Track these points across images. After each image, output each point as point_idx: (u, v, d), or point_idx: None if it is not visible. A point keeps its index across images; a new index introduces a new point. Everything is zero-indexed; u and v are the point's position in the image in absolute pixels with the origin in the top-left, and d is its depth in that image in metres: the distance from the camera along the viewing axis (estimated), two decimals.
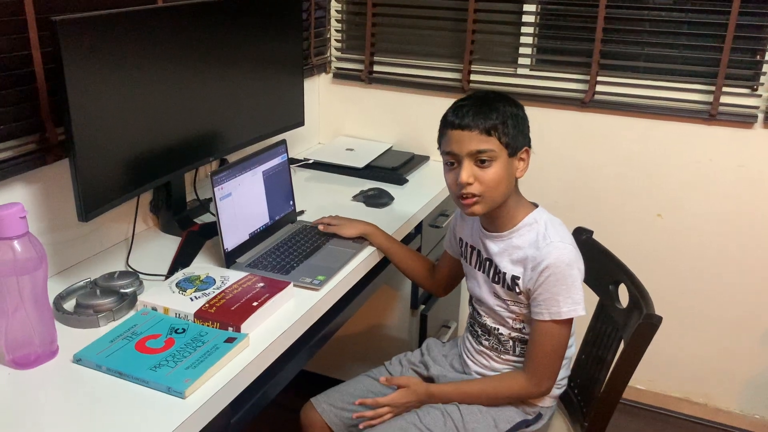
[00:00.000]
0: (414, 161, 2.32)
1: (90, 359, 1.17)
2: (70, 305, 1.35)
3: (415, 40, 2.41)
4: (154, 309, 1.32)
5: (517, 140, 1.36)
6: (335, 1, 2.48)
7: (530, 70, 2.30)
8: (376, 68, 2.47)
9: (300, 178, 2.18)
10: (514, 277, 1.40)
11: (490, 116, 1.33)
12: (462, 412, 1.43)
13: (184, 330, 1.25)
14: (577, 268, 1.35)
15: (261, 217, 1.66)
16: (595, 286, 1.58)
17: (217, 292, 1.36)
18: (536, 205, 1.45)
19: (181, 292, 1.36)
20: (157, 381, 1.11)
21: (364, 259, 1.63)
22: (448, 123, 1.37)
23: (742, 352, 2.24)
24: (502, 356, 1.49)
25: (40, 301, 1.16)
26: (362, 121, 2.53)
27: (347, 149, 2.41)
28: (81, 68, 1.31)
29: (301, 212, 1.87)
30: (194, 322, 1.28)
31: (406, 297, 2.15)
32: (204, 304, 1.31)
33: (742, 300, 2.19)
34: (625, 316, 1.44)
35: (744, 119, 2.03)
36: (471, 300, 1.58)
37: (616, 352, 1.44)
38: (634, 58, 2.15)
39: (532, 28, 2.25)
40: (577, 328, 1.49)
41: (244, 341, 1.23)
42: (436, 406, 1.44)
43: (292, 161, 2.24)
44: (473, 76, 2.33)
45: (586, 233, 1.63)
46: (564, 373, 1.49)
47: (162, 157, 1.59)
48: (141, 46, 1.46)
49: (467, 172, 1.33)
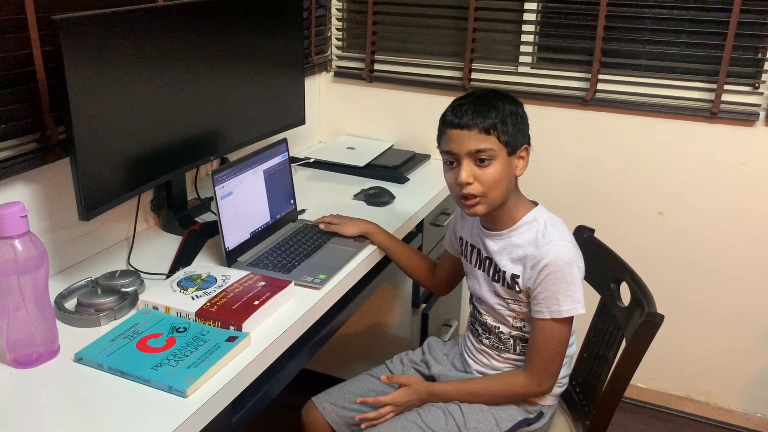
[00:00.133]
0: (415, 160, 2.32)
1: (91, 358, 1.17)
2: (71, 304, 1.35)
3: (416, 39, 2.41)
4: (156, 308, 1.32)
5: (517, 139, 1.36)
6: None
7: (531, 68, 2.29)
8: (376, 67, 2.46)
9: (301, 177, 2.18)
10: (514, 276, 1.40)
11: (488, 115, 1.32)
12: (463, 410, 1.43)
13: (186, 329, 1.25)
14: (576, 266, 1.35)
15: (262, 216, 1.66)
16: (597, 285, 1.57)
17: (219, 291, 1.36)
18: (536, 204, 1.44)
19: (182, 291, 1.36)
20: (158, 380, 1.11)
21: (365, 258, 1.63)
22: (447, 122, 1.36)
23: (743, 350, 2.24)
24: (502, 355, 1.49)
25: (41, 300, 1.16)
26: (363, 120, 2.53)
27: (348, 148, 2.40)
28: (81, 67, 1.31)
29: (302, 211, 1.87)
30: (195, 321, 1.28)
31: (407, 296, 2.15)
32: (205, 303, 1.31)
33: (743, 298, 2.19)
34: (626, 314, 1.44)
35: (745, 117, 2.03)
36: (471, 298, 1.58)
37: (618, 350, 1.44)
38: (636, 56, 2.15)
39: (533, 26, 2.25)
40: (578, 327, 1.49)
41: (246, 340, 1.23)
42: (437, 405, 1.44)
43: (293, 160, 2.24)
44: (474, 75, 2.33)
45: (587, 231, 1.63)
46: (565, 371, 1.48)
47: (163, 156, 1.59)
48: (142, 44, 1.46)
49: (467, 171, 1.33)
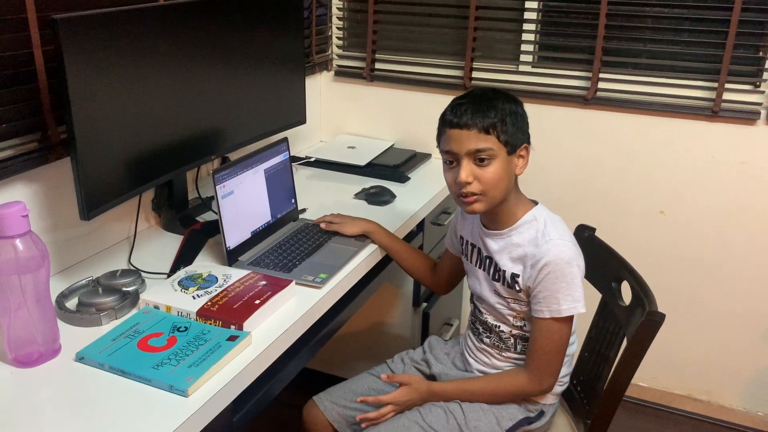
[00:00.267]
0: (416, 159, 2.32)
1: (92, 358, 1.17)
2: (72, 304, 1.35)
3: (416, 38, 2.40)
4: (157, 307, 1.32)
5: (516, 138, 1.35)
6: None
7: (532, 67, 2.29)
8: (377, 66, 2.46)
9: (302, 176, 2.18)
10: (514, 275, 1.40)
11: (488, 114, 1.32)
12: (464, 409, 1.43)
13: (187, 328, 1.25)
14: (576, 265, 1.35)
15: (263, 215, 1.66)
16: (598, 284, 1.57)
17: (220, 290, 1.36)
18: (536, 203, 1.44)
19: (183, 290, 1.36)
20: (159, 379, 1.11)
21: (366, 257, 1.62)
22: (447, 122, 1.36)
23: (745, 349, 2.24)
24: (503, 354, 1.49)
25: (42, 299, 1.16)
26: (364, 119, 2.53)
27: (349, 147, 2.40)
28: (82, 66, 1.31)
29: (303, 210, 1.87)
30: (196, 320, 1.28)
31: (408, 295, 2.15)
32: (206, 303, 1.31)
33: (745, 296, 2.19)
34: (627, 313, 1.44)
35: (747, 116, 2.02)
36: (472, 297, 1.58)
37: (619, 349, 1.44)
38: (637, 55, 2.15)
39: (534, 25, 2.24)
40: (579, 325, 1.49)
41: (247, 339, 1.23)
42: (438, 404, 1.44)
43: (294, 159, 2.24)
44: (475, 74, 2.33)
45: (588, 230, 1.63)
46: (566, 370, 1.48)
47: (164, 155, 1.59)
48: (142, 44, 1.46)
49: (466, 171, 1.33)
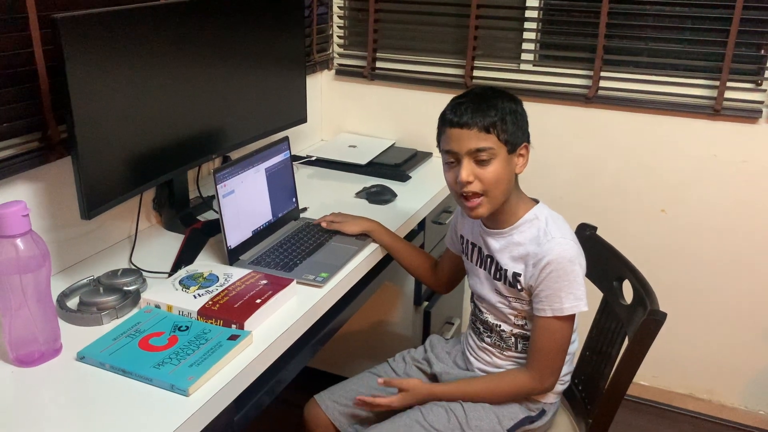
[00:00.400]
0: (417, 158, 2.32)
1: (93, 357, 1.17)
2: (73, 303, 1.35)
3: (417, 36, 2.40)
4: (158, 306, 1.32)
5: (517, 136, 1.35)
6: None
7: (533, 65, 2.29)
8: (378, 64, 2.46)
9: (303, 175, 2.18)
10: (516, 274, 1.40)
11: (488, 113, 1.32)
12: (465, 409, 1.43)
13: (188, 327, 1.25)
14: (578, 263, 1.35)
15: (264, 215, 1.66)
16: (600, 282, 1.57)
17: (221, 289, 1.36)
18: (537, 201, 1.44)
19: (184, 289, 1.36)
20: (160, 379, 1.11)
21: (367, 256, 1.62)
22: (447, 121, 1.36)
23: (746, 348, 2.23)
24: (504, 353, 1.49)
25: (43, 299, 1.16)
26: (365, 118, 2.53)
27: (350, 146, 2.40)
28: (83, 66, 1.31)
29: (304, 209, 1.86)
30: (197, 319, 1.28)
31: (409, 294, 2.15)
32: (207, 302, 1.31)
33: (746, 295, 2.18)
34: (629, 312, 1.43)
35: (748, 114, 2.02)
36: (472, 297, 1.58)
37: (621, 348, 1.44)
38: (638, 54, 2.14)
39: (535, 23, 2.24)
40: (581, 324, 1.49)
41: (248, 338, 1.23)
42: (439, 404, 1.44)
43: (295, 158, 2.24)
44: (476, 72, 2.32)
45: (590, 229, 1.63)
46: (567, 368, 1.48)
47: (165, 154, 1.59)
48: (143, 43, 1.46)
49: (467, 170, 1.33)
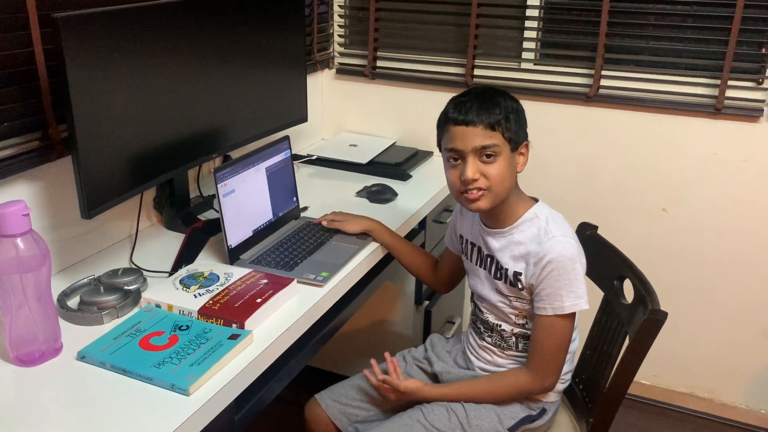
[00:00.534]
0: (417, 157, 2.31)
1: (94, 356, 1.17)
2: (74, 302, 1.35)
3: (418, 35, 2.40)
4: (158, 306, 1.32)
5: (519, 135, 1.36)
6: None
7: (534, 64, 2.29)
8: (379, 63, 2.46)
9: (303, 174, 2.18)
10: (516, 273, 1.39)
11: (493, 111, 1.32)
12: (466, 408, 1.42)
13: (188, 327, 1.25)
14: (579, 261, 1.35)
15: (264, 214, 1.66)
16: (600, 282, 1.57)
17: (221, 288, 1.36)
18: (536, 200, 1.44)
19: (184, 288, 1.36)
20: (161, 378, 1.11)
21: (368, 255, 1.62)
22: (450, 119, 1.35)
23: (748, 347, 2.23)
24: (505, 352, 1.49)
25: (43, 298, 1.16)
26: (365, 117, 2.53)
27: (350, 145, 2.40)
28: (83, 65, 1.31)
29: (305, 208, 1.86)
30: (198, 318, 1.28)
31: (410, 293, 2.15)
32: (208, 301, 1.31)
33: (748, 294, 2.18)
34: (630, 311, 1.43)
35: (749, 113, 2.02)
36: (472, 297, 1.58)
37: (621, 347, 1.44)
38: (639, 52, 2.14)
39: (536, 22, 2.24)
40: (581, 323, 1.48)
41: (248, 338, 1.23)
42: (440, 403, 1.44)
43: (296, 157, 2.23)
44: (477, 71, 2.32)
45: (590, 228, 1.62)
46: (568, 367, 1.48)
47: (165, 153, 1.59)
48: (143, 42, 1.46)
49: (473, 168, 1.32)
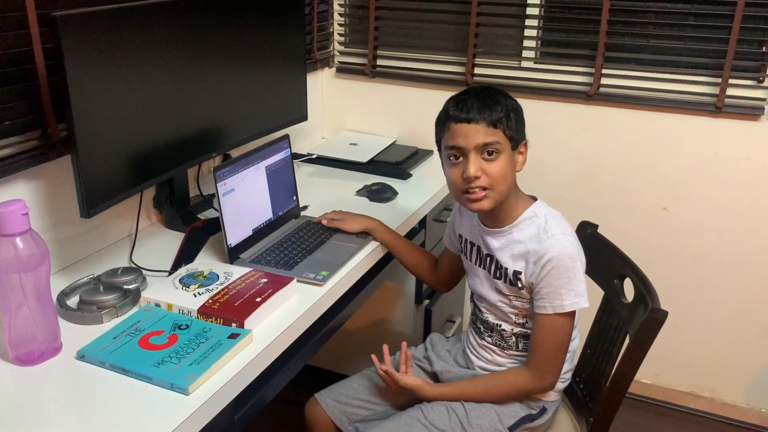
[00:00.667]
0: (418, 156, 2.31)
1: (93, 356, 1.17)
2: (73, 302, 1.35)
3: (418, 34, 2.40)
4: (158, 305, 1.32)
5: (519, 133, 1.36)
6: None
7: (535, 63, 2.28)
8: (379, 62, 2.45)
9: (303, 173, 2.18)
10: (516, 272, 1.39)
11: (495, 109, 1.32)
12: (466, 407, 1.42)
13: (188, 326, 1.25)
14: (579, 260, 1.35)
15: (264, 213, 1.65)
16: (601, 281, 1.57)
17: (221, 287, 1.36)
18: (535, 199, 1.44)
19: (184, 288, 1.36)
20: (160, 377, 1.11)
21: (368, 255, 1.62)
22: (452, 117, 1.35)
23: (748, 346, 2.23)
24: (505, 351, 1.48)
25: (43, 297, 1.16)
26: (366, 116, 2.53)
27: (351, 144, 2.40)
28: (82, 64, 1.31)
29: (305, 207, 1.86)
30: (198, 318, 1.28)
31: (410, 292, 2.15)
32: (207, 300, 1.31)
33: (748, 293, 2.18)
34: (630, 310, 1.43)
35: (750, 111, 2.01)
36: (472, 297, 1.57)
37: (622, 346, 1.44)
38: (640, 51, 2.14)
39: (537, 20, 2.23)
40: (581, 322, 1.48)
41: (248, 337, 1.23)
42: (440, 402, 1.44)
43: (296, 156, 2.23)
44: (477, 70, 2.32)
45: (591, 227, 1.62)
46: (568, 366, 1.48)
47: (165, 152, 1.59)
48: (143, 41, 1.46)
49: (475, 165, 1.32)
